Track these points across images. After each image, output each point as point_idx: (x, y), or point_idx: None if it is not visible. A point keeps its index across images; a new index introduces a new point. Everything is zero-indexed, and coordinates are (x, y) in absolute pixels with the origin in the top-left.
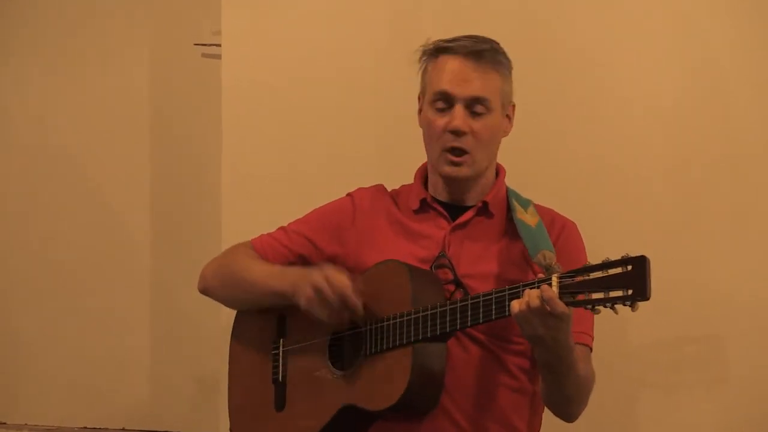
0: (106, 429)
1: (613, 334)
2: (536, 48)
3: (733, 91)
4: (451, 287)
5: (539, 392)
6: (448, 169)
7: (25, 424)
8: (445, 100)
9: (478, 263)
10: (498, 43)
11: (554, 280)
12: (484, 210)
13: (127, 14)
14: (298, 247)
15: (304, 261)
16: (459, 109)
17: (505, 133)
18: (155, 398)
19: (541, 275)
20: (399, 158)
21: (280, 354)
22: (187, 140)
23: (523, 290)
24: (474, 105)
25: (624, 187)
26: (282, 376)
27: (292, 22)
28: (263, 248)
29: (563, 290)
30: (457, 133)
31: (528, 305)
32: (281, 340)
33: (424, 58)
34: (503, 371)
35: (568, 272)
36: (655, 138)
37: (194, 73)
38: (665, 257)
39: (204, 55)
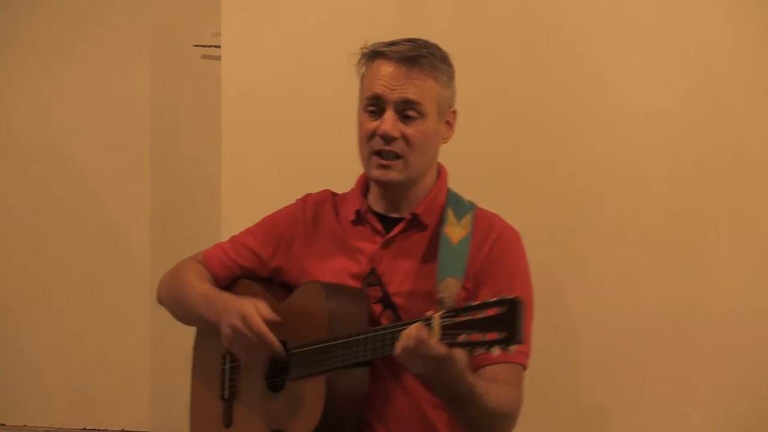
0: (106, 430)
1: (614, 334)
2: (538, 51)
3: (735, 94)
4: (379, 307)
5: None
6: (378, 173)
7: (25, 426)
8: (377, 104)
9: (409, 281)
10: (439, 49)
11: (436, 319)
12: (415, 222)
13: (128, 16)
14: (243, 260)
15: (249, 273)
16: (389, 114)
17: (445, 139)
18: (155, 400)
19: (430, 313)
20: None
21: (227, 370)
22: (186, 141)
23: (401, 329)
24: (405, 109)
25: (625, 190)
26: (228, 394)
27: (292, 24)
28: (211, 262)
29: (445, 331)
30: (387, 138)
31: (404, 346)
32: (227, 357)
33: (362, 62)
34: (432, 399)
35: (449, 311)
36: (657, 141)
37: (194, 75)
38: (666, 260)
39: (204, 57)
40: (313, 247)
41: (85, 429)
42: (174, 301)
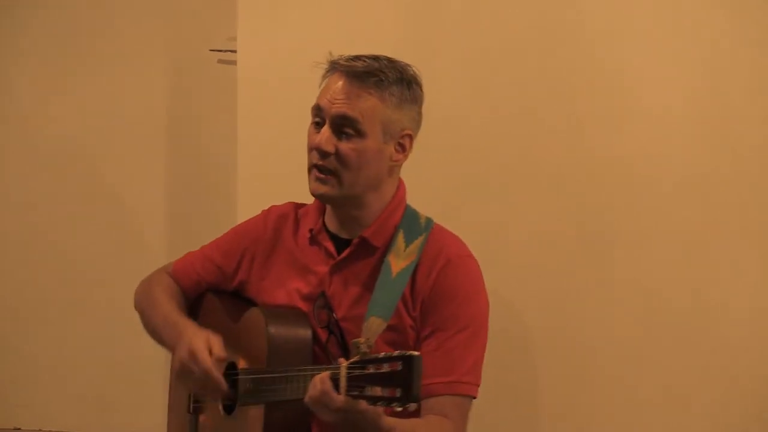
0: None
1: (619, 336)
2: (548, 52)
3: (747, 96)
4: (325, 332)
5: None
6: (312, 186)
7: (40, 430)
8: (320, 116)
9: (357, 306)
10: (402, 71)
11: (342, 370)
12: (364, 245)
13: (144, 20)
14: (207, 275)
15: (213, 286)
16: (325, 128)
17: (393, 161)
18: (166, 404)
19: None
20: (410, 161)
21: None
22: (202, 146)
23: (311, 375)
24: (343, 125)
25: (634, 191)
26: (192, 408)
27: (307, 29)
28: (178, 274)
29: (351, 382)
30: (321, 152)
31: (310, 395)
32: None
33: (324, 73)
34: None
35: (357, 362)
36: (667, 142)
37: (210, 79)
38: (675, 261)
39: (220, 61)
40: (271, 264)
41: None
42: (144, 316)
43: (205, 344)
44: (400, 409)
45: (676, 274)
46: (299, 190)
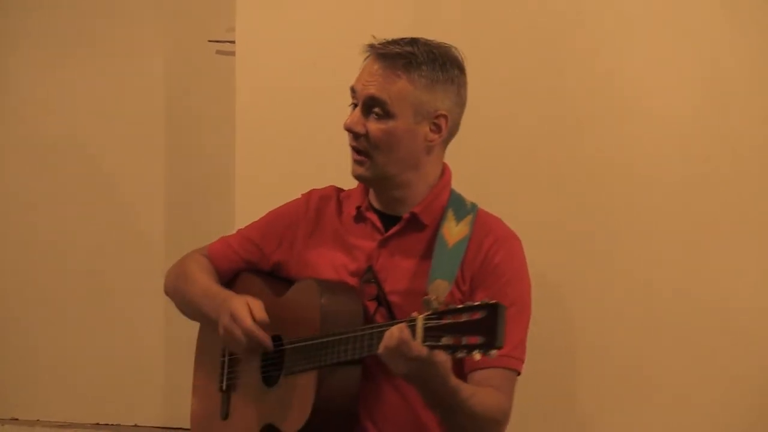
0: (119, 425)
1: (620, 335)
2: (548, 52)
3: (746, 97)
4: (374, 304)
5: None
6: (352, 168)
7: (38, 420)
8: (354, 98)
9: (405, 279)
10: (432, 52)
11: (419, 321)
12: (413, 222)
13: (142, 11)
14: (246, 253)
15: (253, 266)
16: (357, 110)
17: (428, 141)
18: (168, 395)
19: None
20: None
21: (226, 363)
22: (201, 136)
23: (387, 329)
24: (372, 106)
25: (635, 191)
26: (226, 386)
27: (306, 19)
28: (216, 255)
29: (428, 332)
30: (352, 133)
31: (386, 345)
32: (226, 349)
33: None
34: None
35: (433, 314)
36: (667, 143)
37: (208, 70)
38: (675, 261)
39: (218, 52)
40: (315, 242)
41: (98, 424)
42: (178, 294)
43: (246, 307)
44: (479, 356)
45: (676, 274)
46: (298, 180)
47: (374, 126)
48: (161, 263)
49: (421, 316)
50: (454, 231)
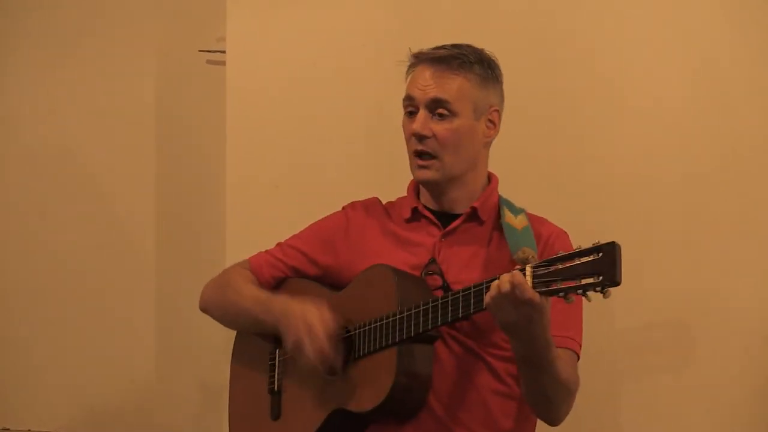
0: None
1: (618, 334)
2: (545, 51)
3: (743, 95)
4: (440, 293)
5: None
6: (418, 173)
7: (29, 430)
8: (412, 105)
9: (467, 269)
10: (478, 53)
11: (528, 269)
12: (473, 216)
13: (133, 21)
14: (290, 260)
15: (298, 273)
16: (421, 113)
17: (486, 137)
18: (159, 404)
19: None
20: (405, 163)
21: (276, 364)
22: (192, 146)
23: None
24: (436, 108)
25: (632, 189)
26: (278, 386)
27: (297, 29)
28: (259, 265)
29: (537, 279)
30: (419, 137)
31: (499, 289)
32: (277, 350)
33: (407, 70)
34: (491, 375)
35: (541, 262)
36: (664, 141)
37: (199, 80)
38: (673, 259)
39: (209, 62)
40: (365, 246)
41: None
42: (222, 306)
43: (320, 321)
44: (598, 291)
45: (673, 273)
46: (288, 188)
47: (440, 126)
48: (152, 271)
49: (528, 264)
50: (515, 220)
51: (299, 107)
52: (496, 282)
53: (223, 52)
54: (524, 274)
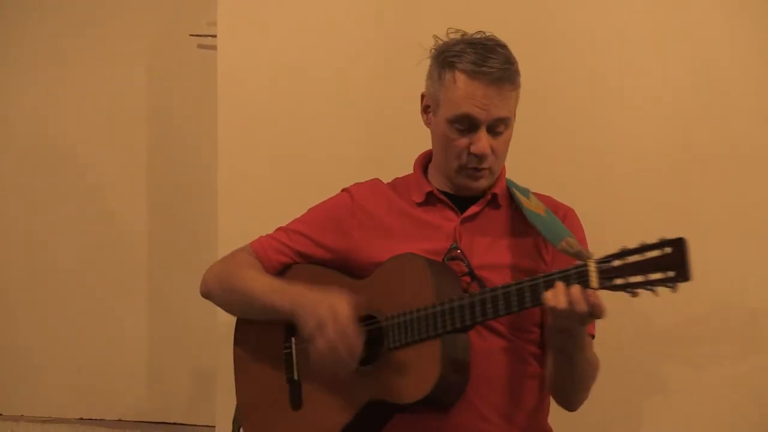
0: (102, 420)
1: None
2: (537, 47)
3: (733, 90)
4: (467, 279)
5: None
6: (468, 182)
7: (22, 416)
8: (468, 123)
9: (491, 254)
10: (507, 48)
11: (592, 266)
12: (492, 201)
13: (123, 5)
14: (298, 245)
15: (305, 259)
16: (483, 133)
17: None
18: (151, 390)
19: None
20: (395, 149)
21: (294, 353)
22: (183, 131)
23: (557, 278)
24: (497, 126)
25: (623, 185)
26: (297, 375)
27: (288, 13)
28: (263, 250)
29: (602, 275)
30: (481, 157)
31: (571, 305)
32: (293, 339)
33: (437, 64)
34: (520, 359)
35: (604, 258)
36: (655, 136)
37: (190, 64)
38: None
39: (200, 46)
40: (379, 228)
41: (81, 419)
42: (229, 293)
43: (344, 303)
44: (669, 287)
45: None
46: (281, 172)
47: (497, 142)
48: (144, 259)
49: (590, 261)
50: (533, 204)
51: (291, 92)
52: (566, 295)
53: (215, 36)
54: (588, 271)
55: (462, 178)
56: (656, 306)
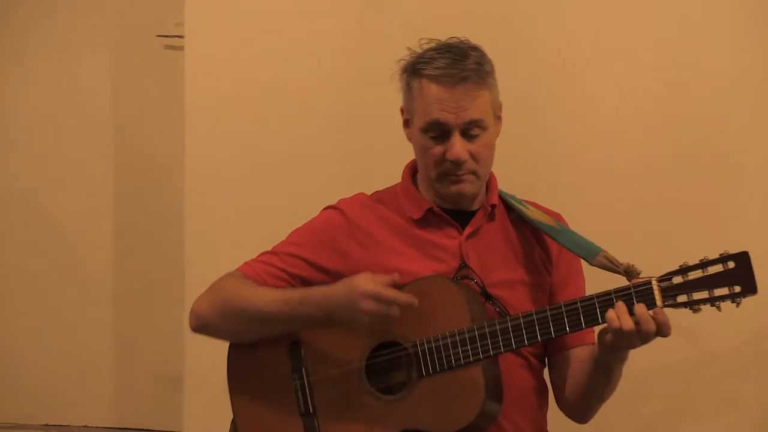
0: (69, 426)
1: None
2: (520, 46)
3: (710, 89)
4: (481, 299)
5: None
6: (450, 189)
7: None
8: (439, 129)
9: (500, 271)
10: (479, 50)
11: (654, 283)
12: (491, 214)
13: (89, 5)
14: (294, 269)
15: (304, 283)
16: (457, 138)
17: (497, 134)
18: (117, 396)
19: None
20: (366, 153)
21: (306, 384)
22: (149, 132)
23: (618, 298)
24: (470, 129)
25: (611, 186)
26: (312, 408)
27: (256, 14)
28: (259, 274)
29: (665, 293)
30: (458, 163)
31: (638, 324)
32: (303, 369)
33: (405, 75)
34: (531, 373)
35: (665, 275)
36: (631, 136)
37: (157, 65)
38: (652, 258)
39: (167, 47)
40: (379, 247)
41: (47, 425)
42: (231, 318)
43: (374, 282)
44: (735, 302)
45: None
46: (248, 177)
47: (475, 146)
48: (110, 261)
49: (654, 281)
50: (534, 214)
51: (259, 93)
52: (630, 317)
53: (182, 37)
54: (651, 290)
55: (444, 185)
56: None
